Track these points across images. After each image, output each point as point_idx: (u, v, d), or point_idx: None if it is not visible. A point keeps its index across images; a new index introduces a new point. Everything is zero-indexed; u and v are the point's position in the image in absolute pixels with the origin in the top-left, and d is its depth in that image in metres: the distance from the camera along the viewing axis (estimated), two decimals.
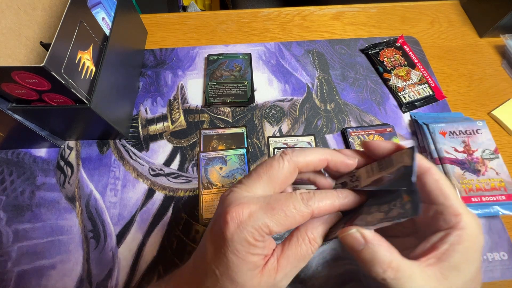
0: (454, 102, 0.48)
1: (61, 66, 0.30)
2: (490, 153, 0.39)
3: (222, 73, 0.49)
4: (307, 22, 0.57)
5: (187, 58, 0.52)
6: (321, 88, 0.49)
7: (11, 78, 0.29)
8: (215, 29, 0.56)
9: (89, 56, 0.35)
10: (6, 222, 0.37)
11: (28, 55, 0.36)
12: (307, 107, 0.47)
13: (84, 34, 0.34)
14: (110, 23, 0.41)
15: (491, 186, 0.37)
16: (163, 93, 0.48)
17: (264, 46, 0.53)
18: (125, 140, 0.43)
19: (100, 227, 0.37)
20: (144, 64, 0.51)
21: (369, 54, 0.52)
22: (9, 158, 0.41)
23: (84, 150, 0.42)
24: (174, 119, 0.46)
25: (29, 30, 0.36)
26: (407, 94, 0.47)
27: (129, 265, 0.35)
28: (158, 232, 0.37)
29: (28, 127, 0.36)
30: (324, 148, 0.23)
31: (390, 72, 0.50)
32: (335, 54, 0.53)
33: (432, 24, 0.57)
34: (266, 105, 0.47)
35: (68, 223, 0.37)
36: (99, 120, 0.36)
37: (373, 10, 0.59)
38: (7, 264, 0.35)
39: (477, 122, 0.41)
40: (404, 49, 0.52)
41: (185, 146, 0.43)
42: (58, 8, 0.41)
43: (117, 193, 0.40)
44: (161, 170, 0.41)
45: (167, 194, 0.40)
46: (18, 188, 0.39)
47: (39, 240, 0.36)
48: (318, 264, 0.36)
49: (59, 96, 0.32)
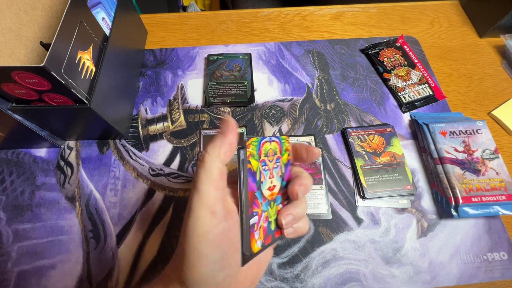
0: (454, 102, 0.48)
1: (61, 66, 0.30)
2: (490, 153, 0.39)
3: (222, 73, 0.49)
4: (307, 22, 0.57)
5: (187, 58, 0.52)
6: (321, 88, 0.49)
7: (11, 78, 0.29)
8: (215, 29, 0.56)
9: (89, 56, 0.35)
10: (6, 222, 0.37)
11: (28, 55, 0.36)
12: (307, 107, 0.47)
13: (84, 34, 0.34)
14: (110, 23, 0.41)
15: (491, 186, 0.37)
16: (163, 93, 0.48)
17: (264, 46, 0.53)
18: (125, 140, 0.43)
19: (100, 227, 0.37)
20: (144, 64, 0.51)
21: (369, 54, 0.52)
22: (9, 158, 0.41)
23: (84, 150, 0.42)
24: (174, 119, 0.46)
25: (29, 30, 0.36)
26: (407, 94, 0.47)
27: (129, 265, 0.35)
28: (158, 232, 0.37)
29: (28, 127, 0.36)
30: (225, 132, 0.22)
31: (390, 72, 0.50)
32: (335, 54, 0.53)
33: (432, 24, 0.57)
34: (266, 105, 0.47)
35: (68, 223, 0.37)
36: (99, 120, 0.36)
37: (373, 10, 0.59)
38: (7, 264, 0.35)
39: (477, 122, 0.41)
40: (404, 49, 0.52)
41: (185, 146, 0.43)
42: (58, 8, 0.41)
43: (117, 193, 0.40)
44: (161, 170, 0.41)
45: (167, 194, 0.40)
46: (18, 188, 0.39)
47: (39, 240, 0.36)
48: (318, 264, 0.36)
49: (59, 96, 0.32)
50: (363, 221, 0.39)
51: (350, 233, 0.38)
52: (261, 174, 0.23)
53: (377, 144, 0.42)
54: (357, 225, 0.38)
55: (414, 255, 0.37)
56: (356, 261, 0.36)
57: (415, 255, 0.37)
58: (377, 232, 0.38)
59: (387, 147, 0.42)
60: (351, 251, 0.37)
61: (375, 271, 0.36)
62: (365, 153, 0.42)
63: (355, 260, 0.36)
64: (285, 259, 0.36)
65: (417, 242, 0.37)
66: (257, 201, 0.23)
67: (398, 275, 0.35)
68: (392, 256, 0.37)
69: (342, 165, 0.42)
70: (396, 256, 0.37)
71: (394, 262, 0.36)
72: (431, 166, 0.41)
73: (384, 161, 0.41)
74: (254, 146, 0.22)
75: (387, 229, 0.38)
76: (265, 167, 0.23)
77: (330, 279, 0.35)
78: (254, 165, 0.22)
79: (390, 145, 0.42)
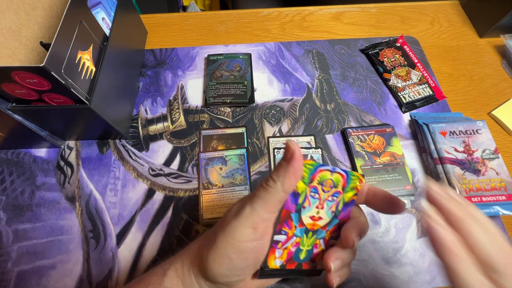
0: (454, 102, 0.48)
1: (61, 66, 0.30)
2: (490, 153, 0.39)
3: (222, 73, 0.49)
4: (307, 22, 0.57)
5: (187, 58, 0.52)
6: (321, 88, 0.49)
7: (11, 78, 0.29)
8: (215, 29, 0.56)
9: (89, 56, 0.35)
10: (6, 222, 0.37)
11: (28, 55, 0.36)
12: (307, 107, 0.47)
13: (84, 34, 0.34)
14: (110, 23, 0.41)
15: (491, 186, 0.37)
16: (163, 93, 0.48)
17: (264, 46, 0.53)
18: (125, 140, 0.43)
19: (100, 227, 0.37)
20: (144, 64, 0.51)
21: (369, 54, 0.52)
22: (9, 158, 0.41)
23: (84, 150, 0.42)
24: (174, 119, 0.46)
25: (29, 30, 0.36)
26: (407, 94, 0.47)
27: (129, 265, 0.35)
28: (158, 232, 0.37)
29: (28, 127, 0.36)
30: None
31: (390, 72, 0.50)
32: (335, 54, 0.53)
33: (432, 24, 0.57)
34: (266, 105, 0.47)
35: (68, 223, 0.37)
36: (99, 120, 0.36)
37: (373, 10, 0.59)
38: (7, 264, 0.35)
39: (477, 122, 0.41)
40: (404, 49, 0.52)
41: (185, 146, 0.43)
42: (58, 8, 0.41)
43: (117, 193, 0.40)
44: (161, 170, 0.41)
45: (167, 194, 0.40)
46: (18, 188, 0.39)
47: (39, 240, 0.36)
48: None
49: (59, 96, 0.32)
50: None
51: None
52: (307, 199, 0.22)
53: (377, 144, 0.42)
54: None
55: (414, 255, 0.37)
56: (356, 261, 0.36)
57: (415, 255, 0.37)
58: (377, 232, 0.38)
59: (387, 147, 0.42)
60: None
61: (375, 271, 0.36)
62: (365, 153, 0.42)
63: (355, 260, 0.36)
64: None
65: (417, 242, 0.37)
66: (291, 222, 0.22)
67: (398, 275, 0.35)
68: (392, 256, 0.36)
69: (342, 165, 0.42)
70: (396, 256, 0.36)
71: (394, 262, 0.36)
72: (431, 166, 0.41)
73: (384, 161, 0.41)
74: (307, 169, 0.21)
75: (387, 229, 0.38)
76: (315, 194, 0.22)
77: None
78: (300, 187, 0.22)
79: (390, 145, 0.42)
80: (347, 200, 0.23)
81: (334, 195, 0.22)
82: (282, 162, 0.21)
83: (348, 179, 0.22)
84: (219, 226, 0.22)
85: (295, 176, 0.20)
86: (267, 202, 0.21)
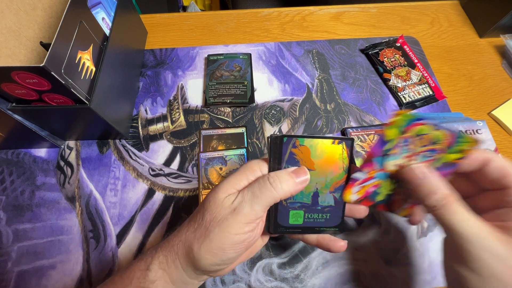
0: (454, 102, 0.48)
1: (61, 66, 0.30)
2: None
3: (222, 73, 0.49)
4: (307, 22, 0.57)
5: (187, 58, 0.52)
6: (321, 88, 0.49)
7: (11, 78, 0.29)
8: (215, 29, 0.56)
9: (89, 56, 0.35)
10: (6, 222, 0.37)
11: (28, 55, 0.36)
12: (307, 107, 0.47)
13: (84, 34, 0.34)
14: (110, 23, 0.41)
15: None
16: (163, 93, 0.48)
17: (264, 46, 0.53)
18: (125, 140, 0.43)
19: (100, 227, 0.37)
20: (144, 64, 0.51)
21: (369, 54, 0.52)
22: (9, 158, 0.41)
23: (84, 150, 0.42)
24: (174, 119, 0.46)
25: (29, 30, 0.36)
26: (407, 94, 0.47)
27: None
28: (158, 232, 0.37)
29: (28, 127, 0.36)
30: None
31: (390, 72, 0.50)
32: (335, 54, 0.53)
33: (432, 24, 0.57)
34: (266, 105, 0.47)
35: (68, 223, 0.37)
36: (99, 120, 0.36)
37: (373, 10, 0.59)
38: (7, 264, 0.35)
39: (477, 122, 0.41)
40: (404, 49, 0.52)
41: (185, 146, 0.43)
42: (58, 8, 0.41)
43: (117, 193, 0.40)
44: (161, 170, 0.41)
45: (167, 194, 0.40)
46: (18, 188, 0.39)
47: (39, 240, 0.36)
48: (318, 264, 0.36)
49: (59, 96, 0.32)
50: (363, 221, 0.39)
51: (351, 233, 0.38)
52: (396, 147, 0.22)
53: None
54: (357, 225, 0.38)
55: (414, 255, 0.37)
56: (356, 261, 0.36)
57: (415, 255, 0.37)
58: (377, 232, 0.38)
59: None
60: (351, 251, 0.37)
61: (375, 271, 0.36)
62: (365, 153, 0.42)
63: (355, 260, 0.36)
64: (285, 259, 0.36)
65: (417, 242, 0.37)
66: (374, 164, 0.22)
67: (398, 275, 0.35)
68: (392, 256, 0.37)
69: None
70: (396, 256, 0.37)
71: (394, 262, 0.36)
72: None
73: None
74: (403, 119, 0.21)
75: (387, 229, 0.38)
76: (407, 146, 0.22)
77: (330, 279, 0.35)
78: (391, 133, 0.21)
79: None
80: (448, 160, 0.22)
81: (431, 151, 0.22)
82: (287, 170, 0.24)
83: (457, 140, 0.21)
84: (212, 220, 0.23)
85: (296, 191, 0.23)
86: (266, 202, 0.23)
